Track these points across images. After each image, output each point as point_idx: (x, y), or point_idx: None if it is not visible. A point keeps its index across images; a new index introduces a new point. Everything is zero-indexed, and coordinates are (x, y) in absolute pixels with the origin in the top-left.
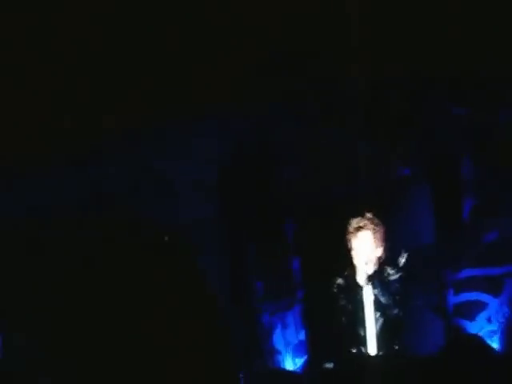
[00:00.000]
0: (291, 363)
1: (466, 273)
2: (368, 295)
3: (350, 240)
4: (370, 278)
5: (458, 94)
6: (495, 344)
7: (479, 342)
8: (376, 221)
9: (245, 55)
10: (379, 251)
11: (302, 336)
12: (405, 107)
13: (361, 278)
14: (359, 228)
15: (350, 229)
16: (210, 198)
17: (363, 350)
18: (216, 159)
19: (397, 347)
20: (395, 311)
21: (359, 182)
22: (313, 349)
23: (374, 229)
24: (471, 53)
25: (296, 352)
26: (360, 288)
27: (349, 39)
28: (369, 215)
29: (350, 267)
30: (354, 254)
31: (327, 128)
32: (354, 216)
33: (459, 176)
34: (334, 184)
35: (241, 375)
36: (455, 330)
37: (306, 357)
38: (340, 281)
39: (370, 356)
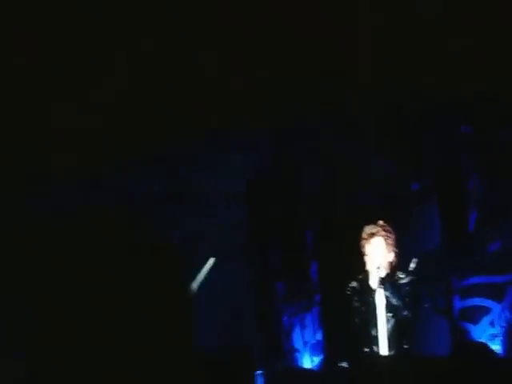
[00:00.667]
0: (309, 361)
1: (471, 280)
2: (380, 298)
3: (363, 246)
4: (382, 282)
5: (465, 113)
6: (497, 346)
7: (484, 347)
8: (387, 228)
9: (269, 72)
10: (391, 256)
11: (319, 336)
12: (417, 125)
13: (373, 281)
14: (372, 234)
15: (364, 235)
16: (238, 208)
17: (375, 349)
18: (243, 172)
19: (406, 347)
20: (405, 313)
21: (373, 194)
22: (329, 348)
23: (385, 235)
24: (480, 74)
25: (313, 351)
26: (373, 291)
27: (363, 60)
28: (381, 223)
29: (364, 271)
30: (367, 259)
31: (344, 143)
32: (368, 224)
33: (465, 189)
34: (350, 195)
35: (260, 372)
36: (460, 332)
37: (322, 356)
38: (354, 284)
39: (381, 355)
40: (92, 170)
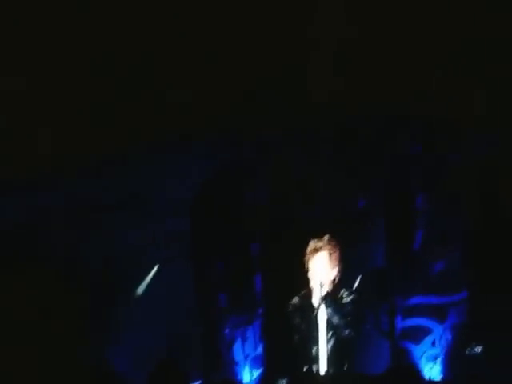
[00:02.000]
0: (248, 375)
1: (414, 300)
2: (322, 315)
3: (307, 261)
4: (324, 299)
5: (415, 132)
6: (438, 366)
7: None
8: (332, 243)
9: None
10: (334, 272)
11: (260, 350)
12: (367, 142)
13: (316, 298)
14: (316, 249)
15: (308, 250)
16: (184, 215)
17: (315, 368)
18: (190, 182)
19: (346, 366)
20: (346, 332)
21: (320, 209)
22: (269, 363)
23: (330, 251)
24: (430, 95)
25: (254, 364)
26: (315, 308)
27: (316, 75)
28: (326, 238)
29: (307, 288)
30: (310, 274)
31: (293, 157)
32: (313, 238)
33: (412, 208)
34: (298, 209)
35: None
36: (401, 352)
37: (262, 370)
38: (296, 301)
39: (320, 374)
40: (41, 176)
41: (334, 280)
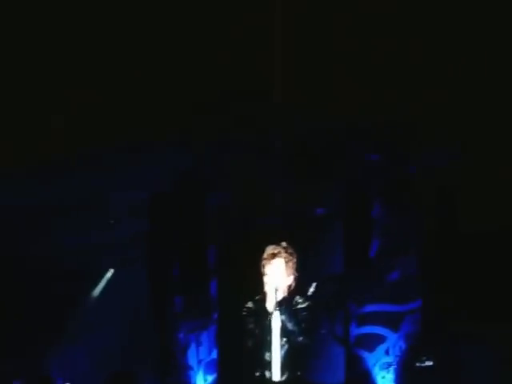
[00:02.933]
0: (202, 380)
1: (369, 307)
2: (276, 321)
3: (263, 266)
4: (279, 305)
5: (373, 141)
6: (390, 375)
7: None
8: (289, 250)
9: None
10: (290, 279)
11: (214, 355)
12: (325, 150)
13: (270, 304)
14: (273, 255)
15: (265, 255)
16: (141, 219)
17: (267, 374)
18: (147, 185)
19: (299, 373)
20: (300, 338)
21: (278, 215)
22: (223, 368)
23: (286, 257)
24: (390, 103)
25: (208, 369)
26: (269, 314)
27: (278, 81)
28: (283, 244)
29: (262, 293)
30: (266, 279)
31: (254, 163)
32: (271, 244)
33: (369, 216)
34: (255, 214)
35: None
36: (355, 359)
37: (216, 375)
38: (250, 305)
39: (272, 381)
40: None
41: (290, 286)
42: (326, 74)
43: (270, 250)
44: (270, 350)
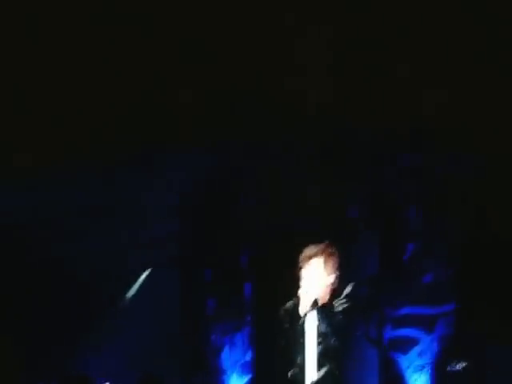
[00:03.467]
0: (236, 382)
1: (403, 310)
2: (311, 322)
3: (301, 267)
4: (315, 306)
5: (407, 144)
6: (424, 377)
7: None
8: (329, 249)
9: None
10: (330, 279)
11: (248, 356)
12: (361, 154)
13: (306, 304)
14: (312, 255)
15: (303, 255)
16: (174, 221)
17: (301, 375)
18: (179, 186)
19: (333, 374)
20: (334, 340)
21: (312, 217)
22: (258, 369)
23: (326, 257)
24: (424, 106)
25: (242, 371)
26: (304, 315)
27: (310, 86)
28: (322, 245)
29: (298, 294)
30: (303, 280)
31: (287, 165)
32: (307, 246)
33: (403, 219)
34: (288, 216)
35: None
36: (388, 362)
37: (251, 376)
38: (288, 305)
39: (307, 382)
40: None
41: (330, 287)
42: (362, 77)
43: (308, 250)
44: (303, 351)
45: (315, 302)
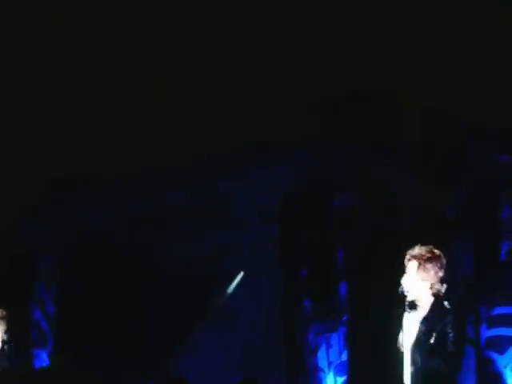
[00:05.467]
0: (333, 382)
1: (499, 309)
2: (408, 324)
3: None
4: (410, 308)
5: (502, 144)
6: None
7: None
8: (427, 253)
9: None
10: (425, 285)
11: (344, 356)
12: (455, 153)
13: (405, 305)
14: (409, 257)
15: (405, 258)
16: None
17: (399, 376)
18: (280, 187)
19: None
20: (431, 340)
21: (407, 217)
22: (354, 370)
23: (420, 260)
24: None
25: (338, 371)
26: (403, 316)
27: (407, 88)
28: (417, 247)
29: (397, 296)
30: (404, 281)
31: (382, 167)
32: (403, 247)
33: (498, 218)
34: (384, 216)
35: None
36: (485, 362)
37: (346, 377)
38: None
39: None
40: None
41: (429, 290)
42: (453, 77)
43: (409, 251)
44: (401, 355)
45: (412, 304)
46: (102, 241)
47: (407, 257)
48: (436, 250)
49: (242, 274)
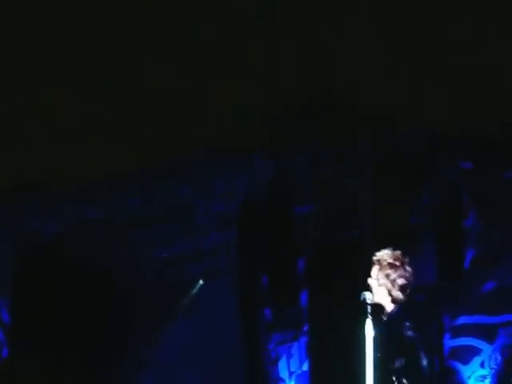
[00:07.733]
0: None
1: (463, 319)
2: (368, 332)
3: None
4: (371, 315)
5: (466, 150)
6: None
7: None
8: (385, 260)
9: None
10: (382, 291)
11: (305, 367)
12: (418, 161)
13: (367, 312)
14: (372, 263)
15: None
16: (229, 231)
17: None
18: (235, 196)
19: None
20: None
21: (368, 226)
22: (315, 380)
23: (380, 266)
24: (483, 114)
25: (299, 382)
26: (365, 322)
27: (367, 93)
28: (379, 253)
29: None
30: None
31: (343, 173)
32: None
33: (463, 226)
34: (344, 225)
35: None
36: (449, 372)
37: None
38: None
39: None
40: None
41: (389, 297)
42: (414, 83)
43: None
44: (363, 362)
45: (375, 309)
46: (56, 249)
47: (372, 261)
48: (400, 257)
49: (201, 282)
